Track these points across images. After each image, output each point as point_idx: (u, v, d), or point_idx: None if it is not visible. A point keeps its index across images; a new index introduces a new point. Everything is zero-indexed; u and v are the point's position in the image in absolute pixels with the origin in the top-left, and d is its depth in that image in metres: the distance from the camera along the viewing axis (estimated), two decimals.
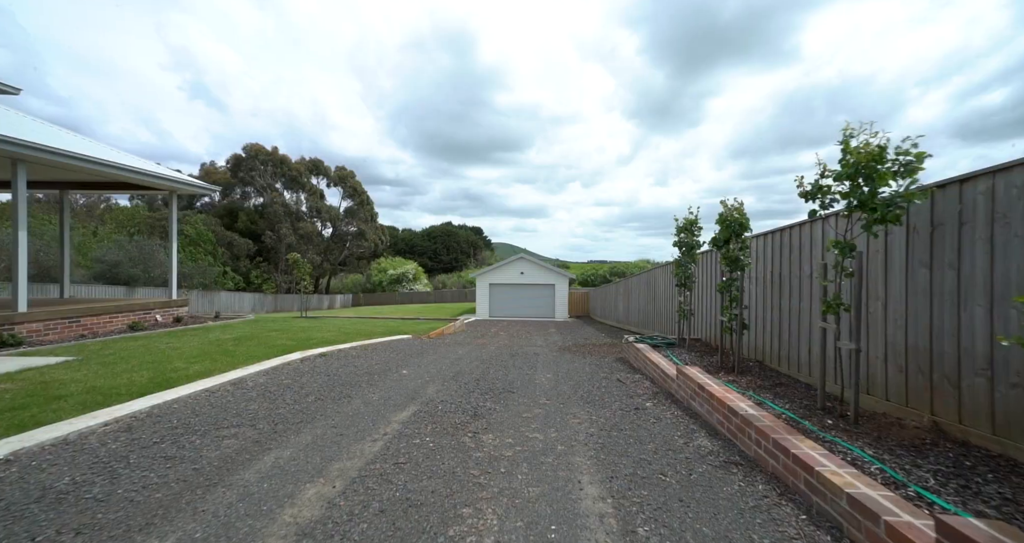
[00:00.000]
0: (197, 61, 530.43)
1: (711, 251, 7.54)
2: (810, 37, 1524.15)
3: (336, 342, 8.11)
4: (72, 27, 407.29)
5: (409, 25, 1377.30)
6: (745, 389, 4.38)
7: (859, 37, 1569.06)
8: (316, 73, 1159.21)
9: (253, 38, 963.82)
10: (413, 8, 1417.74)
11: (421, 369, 6.18)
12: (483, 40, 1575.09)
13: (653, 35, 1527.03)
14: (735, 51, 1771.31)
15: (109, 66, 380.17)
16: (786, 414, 3.61)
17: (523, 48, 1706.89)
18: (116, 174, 8.62)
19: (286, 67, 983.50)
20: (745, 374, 5.19)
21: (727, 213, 5.32)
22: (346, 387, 4.87)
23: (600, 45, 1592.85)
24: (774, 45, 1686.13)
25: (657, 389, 5.33)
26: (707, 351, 6.96)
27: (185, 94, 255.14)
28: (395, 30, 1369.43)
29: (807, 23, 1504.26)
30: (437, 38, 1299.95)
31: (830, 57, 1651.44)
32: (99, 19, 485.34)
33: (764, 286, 5.70)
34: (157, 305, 9.51)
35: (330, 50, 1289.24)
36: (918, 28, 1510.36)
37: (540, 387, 5.35)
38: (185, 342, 6.92)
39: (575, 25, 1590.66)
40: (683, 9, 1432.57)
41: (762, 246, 5.74)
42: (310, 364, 6.04)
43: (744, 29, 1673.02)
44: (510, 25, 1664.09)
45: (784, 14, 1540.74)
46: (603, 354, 8.61)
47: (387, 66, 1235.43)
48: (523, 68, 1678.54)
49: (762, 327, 5.73)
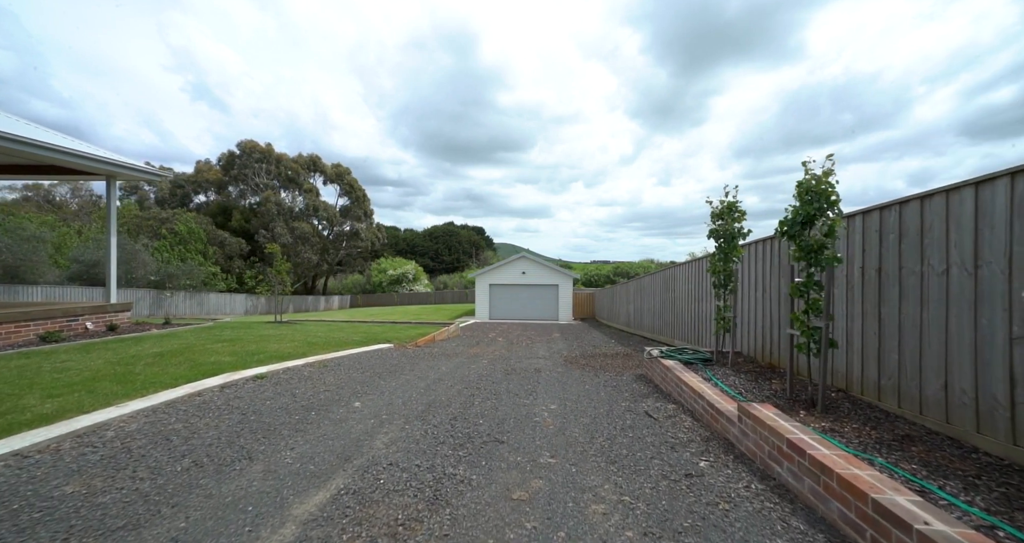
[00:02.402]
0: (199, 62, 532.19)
1: (764, 241, 5.97)
2: (815, 34, 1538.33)
3: (291, 356, 6.59)
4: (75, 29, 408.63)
5: (410, 24, 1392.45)
6: (864, 450, 2.82)
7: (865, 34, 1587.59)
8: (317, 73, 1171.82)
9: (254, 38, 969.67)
10: (414, 7, 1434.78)
11: (382, 399, 4.65)
12: (484, 39, 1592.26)
13: (655, 33, 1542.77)
14: (738, 49, 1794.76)
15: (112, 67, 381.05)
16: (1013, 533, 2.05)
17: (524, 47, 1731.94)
18: (32, 154, 7.15)
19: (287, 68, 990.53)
20: (831, 411, 3.63)
21: (808, 182, 3.75)
22: (256, 437, 3.33)
23: (602, 44, 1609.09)
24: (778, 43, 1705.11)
25: (706, 432, 3.78)
26: (756, 371, 5.40)
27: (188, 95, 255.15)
28: (396, 30, 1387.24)
29: (812, 20, 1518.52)
30: (438, 37, 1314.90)
31: (835, 55, 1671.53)
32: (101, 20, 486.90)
33: (856, 288, 4.12)
34: (88, 310, 8.03)
35: (331, 50, 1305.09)
36: (925, 25, 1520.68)
37: (541, 430, 3.81)
38: (87, 361, 5.42)
39: (576, 24, 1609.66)
40: (686, 7, 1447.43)
41: (861, 230, 4.15)
42: (232, 393, 4.51)
43: (747, 27, 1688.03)
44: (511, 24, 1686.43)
45: (788, 11, 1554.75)
46: (618, 369, 7.05)
47: (388, 66, 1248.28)
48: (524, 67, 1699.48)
49: (852, 345, 4.15)
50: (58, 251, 26.26)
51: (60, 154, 7.53)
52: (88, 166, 8.15)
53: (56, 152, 7.45)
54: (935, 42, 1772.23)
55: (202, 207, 44.94)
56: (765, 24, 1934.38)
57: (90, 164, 8.09)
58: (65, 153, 7.57)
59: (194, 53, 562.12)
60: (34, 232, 23.34)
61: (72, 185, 52.47)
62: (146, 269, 27.02)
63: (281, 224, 41.43)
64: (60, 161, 7.75)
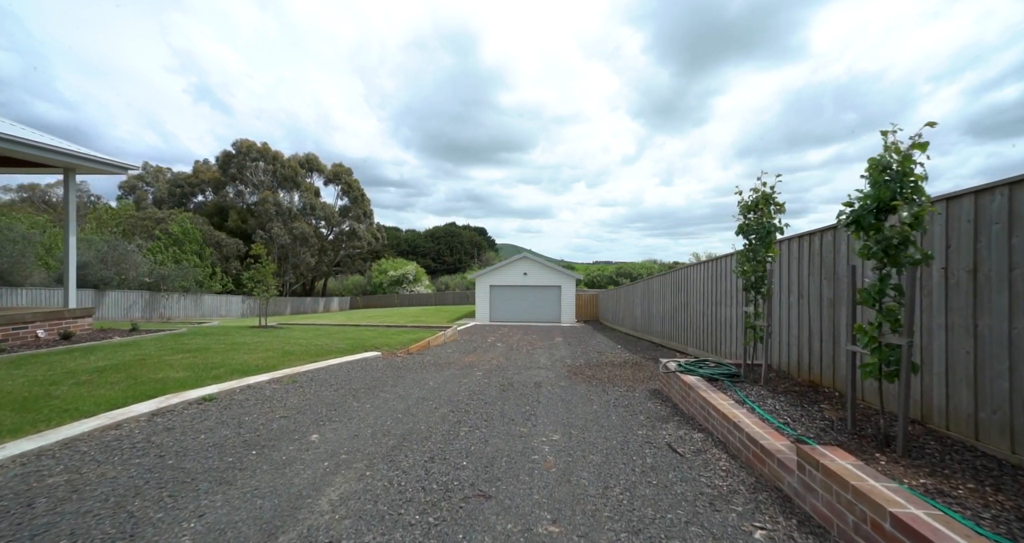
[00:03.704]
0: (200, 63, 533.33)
1: (801, 238, 5.13)
2: (818, 33, 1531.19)
3: (258, 370, 5.80)
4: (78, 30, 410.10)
5: (411, 25, 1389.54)
6: (1011, 537, 1.97)
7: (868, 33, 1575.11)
8: (318, 74, 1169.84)
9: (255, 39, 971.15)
10: (415, 7, 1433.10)
11: (348, 428, 3.84)
12: (485, 39, 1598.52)
13: (657, 33, 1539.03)
14: (741, 48, 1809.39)
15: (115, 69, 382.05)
16: None
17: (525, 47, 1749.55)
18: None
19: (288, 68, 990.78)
20: (917, 454, 2.79)
21: (884, 158, 2.91)
22: (160, 496, 2.50)
23: (603, 43, 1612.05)
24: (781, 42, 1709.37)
25: (750, 477, 2.96)
26: (796, 391, 4.56)
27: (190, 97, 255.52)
28: (397, 30, 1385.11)
29: (815, 19, 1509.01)
30: (439, 38, 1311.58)
31: (838, 53, 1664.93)
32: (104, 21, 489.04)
33: (937, 294, 3.28)
34: (41, 317, 7.26)
35: (332, 50, 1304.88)
36: (929, 23, 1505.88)
37: (540, 474, 2.99)
38: (3, 380, 4.61)
39: (578, 23, 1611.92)
40: (688, 6, 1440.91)
41: (944, 221, 3.30)
42: (162, 423, 3.69)
43: (750, 26, 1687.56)
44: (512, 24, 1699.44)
45: (790, 10, 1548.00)
46: (629, 383, 6.22)
47: (389, 66, 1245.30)
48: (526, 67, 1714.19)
49: (930, 365, 3.31)
50: (49, 252, 25.60)
51: (7, 143, 6.77)
52: (42, 157, 7.39)
53: (2, 141, 6.69)
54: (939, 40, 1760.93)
55: (200, 207, 44.32)
56: (768, 23, 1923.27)
57: (44, 155, 7.33)
58: (12, 142, 6.81)
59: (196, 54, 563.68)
60: (23, 232, 22.66)
61: None
62: (138, 271, 26.34)
63: (279, 224, 40.75)
64: (8, 151, 6.99)
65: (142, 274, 26.60)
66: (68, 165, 7.79)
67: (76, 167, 7.91)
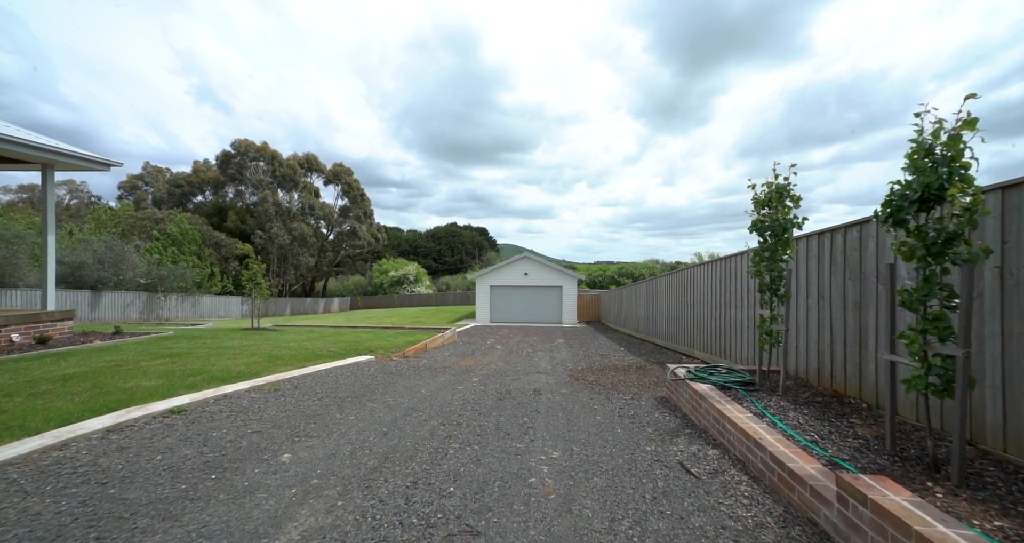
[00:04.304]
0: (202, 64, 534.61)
1: (821, 235, 4.73)
2: (821, 32, 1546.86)
3: (239, 377, 5.44)
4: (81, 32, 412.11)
5: (412, 25, 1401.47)
6: None
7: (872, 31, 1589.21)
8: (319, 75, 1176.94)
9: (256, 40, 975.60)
10: (415, 8, 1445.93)
11: (326, 445, 3.47)
12: (486, 39, 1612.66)
13: (659, 32, 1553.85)
14: (743, 47, 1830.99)
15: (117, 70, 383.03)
16: None
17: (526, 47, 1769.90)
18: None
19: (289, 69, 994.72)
20: (975, 484, 2.41)
21: (926, 141, 2.52)
22: (85, 539, 2.15)
23: (605, 43, 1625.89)
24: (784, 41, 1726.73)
25: (778, 506, 2.57)
26: (819, 402, 4.17)
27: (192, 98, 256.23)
28: (397, 30, 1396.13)
29: (818, 18, 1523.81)
30: (440, 38, 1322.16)
31: (842, 52, 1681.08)
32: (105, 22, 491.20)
33: (990, 297, 2.87)
34: (17, 320, 6.91)
35: (333, 51, 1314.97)
36: (933, 21, 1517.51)
37: (537, 503, 2.62)
38: None
39: (579, 23, 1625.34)
40: (689, 5, 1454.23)
41: (998, 214, 2.88)
42: (117, 441, 3.32)
43: (752, 25, 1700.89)
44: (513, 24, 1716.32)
45: (793, 9, 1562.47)
46: (634, 390, 5.84)
47: (390, 67, 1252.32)
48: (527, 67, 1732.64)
49: (982, 377, 2.91)
50: None
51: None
52: (18, 153, 7.04)
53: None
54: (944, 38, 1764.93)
55: (200, 208, 44.10)
56: (770, 22, 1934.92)
57: (19, 150, 6.99)
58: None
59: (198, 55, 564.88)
60: (19, 233, 22.37)
61: (70, 187, 51.90)
62: (135, 271, 26.05)
63: (279, 225, 40.48)
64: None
65: (139, 275, 26.31)
66: (45, 161, 7.45)
67: (54, 163, 7.56)
